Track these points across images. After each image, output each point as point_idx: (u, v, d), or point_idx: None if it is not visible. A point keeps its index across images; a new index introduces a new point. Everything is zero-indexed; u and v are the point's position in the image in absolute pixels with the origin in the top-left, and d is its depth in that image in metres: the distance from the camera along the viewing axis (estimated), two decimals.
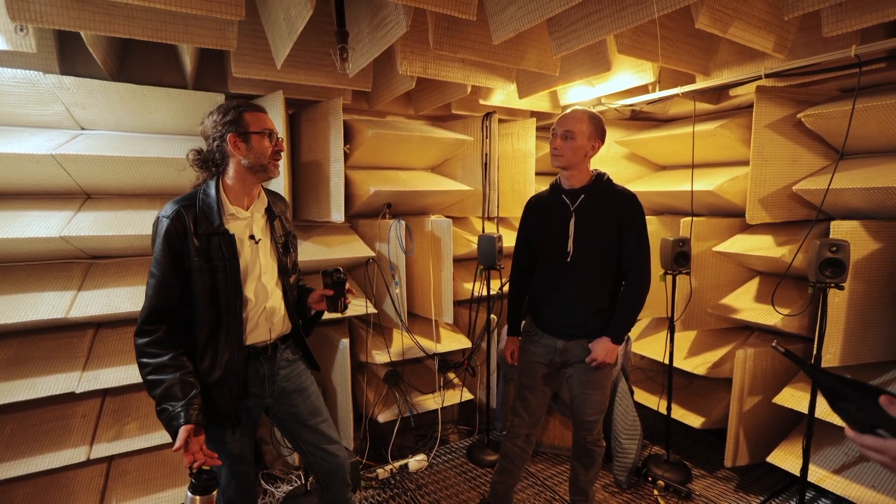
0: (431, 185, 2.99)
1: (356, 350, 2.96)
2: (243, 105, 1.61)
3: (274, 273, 1.73)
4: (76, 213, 2.23)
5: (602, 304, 2.03)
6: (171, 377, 1.47)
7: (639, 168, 3.59)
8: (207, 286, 1.56)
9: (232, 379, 1.61)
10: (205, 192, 1.60)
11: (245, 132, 1.58)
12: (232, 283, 1.58)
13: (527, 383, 2.18)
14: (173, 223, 1.52)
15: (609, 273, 2.02)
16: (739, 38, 1.98)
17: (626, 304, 2.01)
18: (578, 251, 1.99)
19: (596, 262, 2.00)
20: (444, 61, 2.35)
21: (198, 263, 1.54)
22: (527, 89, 2.92)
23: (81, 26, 1.76)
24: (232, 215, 1.63)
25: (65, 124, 2.31)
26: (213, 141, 1.60)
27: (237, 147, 1.58)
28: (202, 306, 1.56)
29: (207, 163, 1.61)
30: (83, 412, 2.32)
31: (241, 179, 1.64)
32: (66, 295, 2.17)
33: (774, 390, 2.58)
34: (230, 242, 1.58)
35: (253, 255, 1.66)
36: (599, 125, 1.97)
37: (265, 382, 1.72)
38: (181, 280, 1.54)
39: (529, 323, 2.22)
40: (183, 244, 1.53)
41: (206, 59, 2.49)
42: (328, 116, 2.56)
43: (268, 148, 1.61)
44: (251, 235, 1.66)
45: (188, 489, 1.40)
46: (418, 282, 3.01)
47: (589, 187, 2.01)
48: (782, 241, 2.60)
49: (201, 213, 1.56)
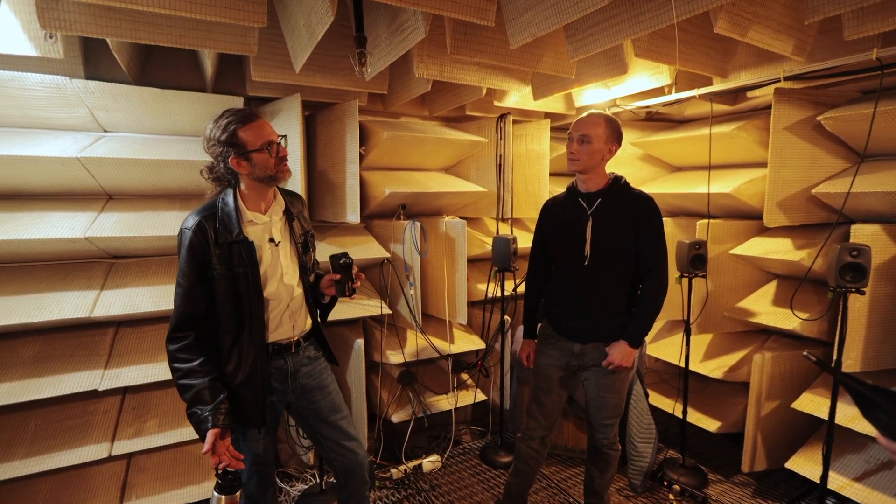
0: (446, 186, 3.02)
1: (370, 350, 3.00)
2: (234, 120, 1.59)
3: (296, 273, 1.78)
4: (99, 214, 2.30)
5: (619, 307, 2.05)
6: (200, 382, 1.55)
7: (654, 169, 3.58)
8: (230, 292, 1.62)
9: (257, 379, 1.67)
10: (223, 201, 1.65)
11: (244, 152, 1.60)
12: (253, 288, 1.64)
13: (542, 386, 2.20)
14: (196, 235, 1.58)
15: (626, 276, 2.03)
16: (758, 41, 1.99)
17: (644, 308, 2.02)
18: (595, 255, 2.01)
19: (613, 265, 2.02)
20: (461, 64, 2.39)
21: (220, 271, 1.60)
22: (542, 91, 2.93)
23: (109, 34, 1.83)
24: (250, 221, 1.68)
25: (88, 127, 2.38)
26: (217, 162, 1.64)
27: (241, 166, 1.62)
28: (226, 311, 1.63)
29: (220, 179, 1.67)
30: (104, 409, 2.39)
31: (253, 189, 1.69)
32: (89, 294, 2.24)
33: (793, 395, 2.58)
34: (249, 249, 1.63)
35: (274, 258, 1.71)
36: (616, 129, 1.98)
37: (288, 379, 1.79)
38: (206, 288, 1.60)
39: (546, 326, 2.24)
40: (206, 254, 1.59)
41: (226, 62, 2.55)
42: (344, 118, 2.60)
43: (270, 160, 1.63)
44: (271, 238, 1.71)
45: (214, 489, 1.49)
46: (432, 283, 3.04)
47: (606, 191, 2.03)
48: (801, 245, 2.59)
49: (221, 222, 1.61)
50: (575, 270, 2.07)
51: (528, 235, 3.39)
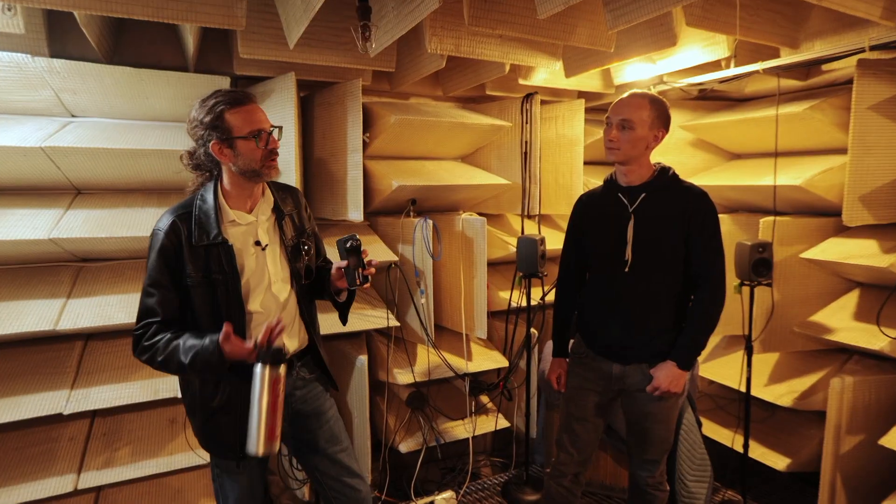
0: (463, 178, 3.01)
1: (375, 368, 2.99)
2: (223, 101, 1.57)
3: (287, 280, 1.75)
4: (66, 212, 2.29)
5: (666, 321, 2.01)
6: (181, 339, 1.51)
7: (707, 157, 3.54)
8: (208, 302, 1.59)
9: (237, 404, 1.63)
10: (202, 198, 1.64)
11: (228, 138, 1.57)
12: (233, 298, 1.61)
13: (575, 414, 2.16)
14: (168, 237, 1.57)
15: (674, 285, 2.00)
16: (838, 4, 1.93)
17: (696, 323, 1.99)
18: (638, 259, 1.98)
19: (659, 272, 1.99)
20: (480, 37, 2.37)
21: (196, 279, 1.58)
22: (575, 67, 2.91)
23: (76, 5, 1.80)
24: (232, 222, 1.66)
25: (54, 111, 2.38)
26: (198, 147, 1.62)
27: (223, 154, 1.59)
28: (204, 325, 1.59)
29: (201, 167, 1.65)
30: (70, 435, 2.38)
31: (237, 184, 1.66)
32: (54, 304, 2.22)
33: (880, 429, 2.46)
34: (229, 254, 1.61)
35: (260, 264, 1.68)
36: (663, 112, 1.95)
37: None
38: (180, 298, 1.58)
39: (579, 343, 2.21)
40: (179, 260, 1.57)
41: (210, 37, 2.54)
42: (345, 100, 2.59)
43: (257, 151, 1.59)
44: (256, 241, 1.68)
45: (255, 360, 1.45)
46: (447, 290, 3.03)
47: (651, 184, 1.99)
48: (889, 248, 2.49)
49: (198, 222, 1.59)
50: (614, 278, 2.05)
51: (558, 235, 3.36)
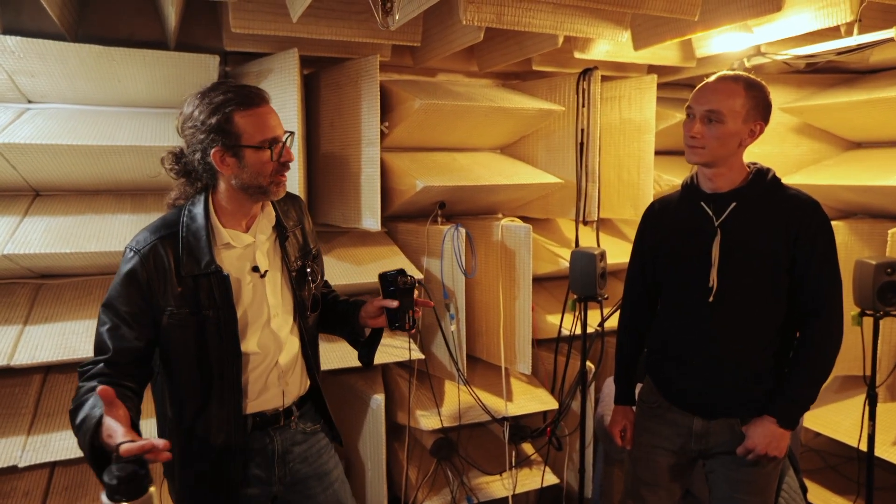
0: (503, 175, 3.01)
1: (393, 409, 3.02)
2: (234, 100, 1.57)
3: (289, 314, 1.79)
4: (22, 219, 2.37)
5: (763, 365, 1.99)
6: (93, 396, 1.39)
7: (816, 146, 3.50)
8: (192, 345, 1.61)
9: (228, 466, 1.68)
10: (190, 215, 1.63)
11: (235, 145, 1.57)
12: (226, 338, 1.63)
13: (644, 478, 2.17)
14: (144, 265, 1.56)
15: (774, 319, 1.98)
16: None
17: (803, 369, 1.96)
18: (726, 286, 1.96)
19: (753, 302, 1.98)
20: (528, 4, 2.36)
21: (180, 316, 1.59)
22: (646, 38, 2.90)
23: None
24: (227, 244, 1.67)
25: (7, 97, 2.46)
26: (193, 152, 1.60)
27: (224, 164, 1.59)
28: (185, 372, 1.63)
29: (191, 175, 1.65)
30: (25, 489, 2.46)
31: (234, 199, 1.67)
32: (8, 332, 2.30)
33: None
34: (224, 285, 1.62)
35: (258, 295, 1.71)
36: (762, 99, 1.92)
37: (274, 464, 1.79)
38: (146, 337, 1.57)
39: (649, 388, 2.21)
40: (152, 294, 1.57)
41: (194, 7, 2.58)
42: (359, 80, 2.61)
43: (268, 164, 1.61)
44: (254, 267, 1.71)
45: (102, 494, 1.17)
46: (482, 314, 3.04)
47: (743, 191, 1.97)
48: None
49: (186, 246, 1.60)
50: (695, 309, 2.03)
51: (621, 246, 3.36)
